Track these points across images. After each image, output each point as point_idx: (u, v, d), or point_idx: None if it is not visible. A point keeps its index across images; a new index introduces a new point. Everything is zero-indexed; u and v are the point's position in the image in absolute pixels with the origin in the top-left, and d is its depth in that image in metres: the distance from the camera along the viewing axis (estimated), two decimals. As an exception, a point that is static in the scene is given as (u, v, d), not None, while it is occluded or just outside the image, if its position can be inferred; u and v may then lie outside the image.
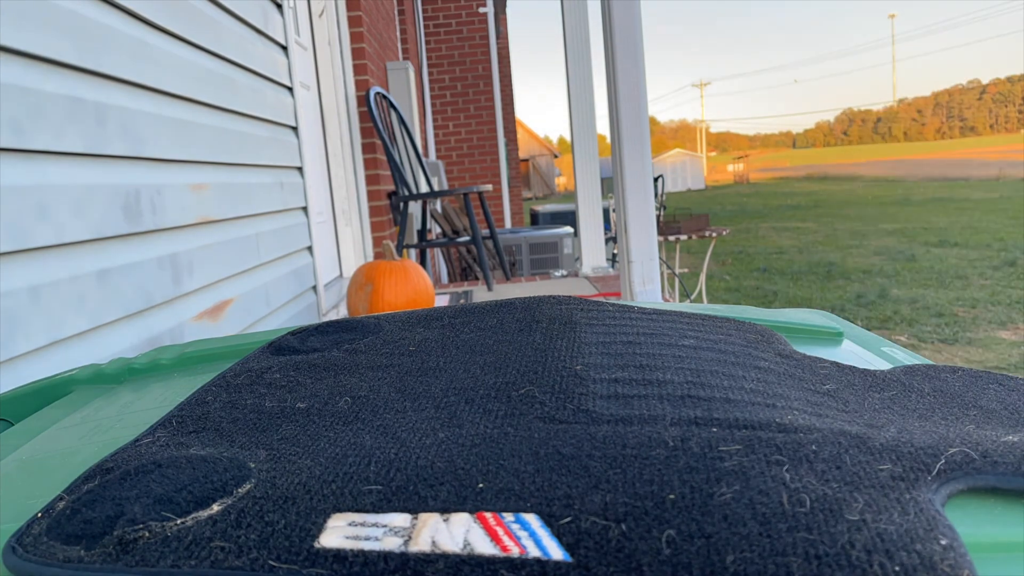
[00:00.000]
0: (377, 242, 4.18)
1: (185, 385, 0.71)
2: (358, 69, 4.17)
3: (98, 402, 0.70)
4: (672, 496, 0.36)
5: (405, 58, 6.69)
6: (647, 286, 2.62)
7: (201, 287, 1.77)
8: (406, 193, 3.70)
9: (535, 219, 9.58)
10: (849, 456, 0.40)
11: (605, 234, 5.33)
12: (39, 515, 0.40)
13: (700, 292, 6.35)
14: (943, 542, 0.32)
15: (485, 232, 6.37)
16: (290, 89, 2.70)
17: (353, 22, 4.14)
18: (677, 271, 6.11)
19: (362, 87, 4.15)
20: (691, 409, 0.47)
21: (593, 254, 4.90)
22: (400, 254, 3.52)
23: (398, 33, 6.27)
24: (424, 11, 8.64)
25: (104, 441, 0.56)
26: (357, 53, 4.17)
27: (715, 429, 0.44)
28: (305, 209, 2.76)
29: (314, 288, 2.81)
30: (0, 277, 1.07)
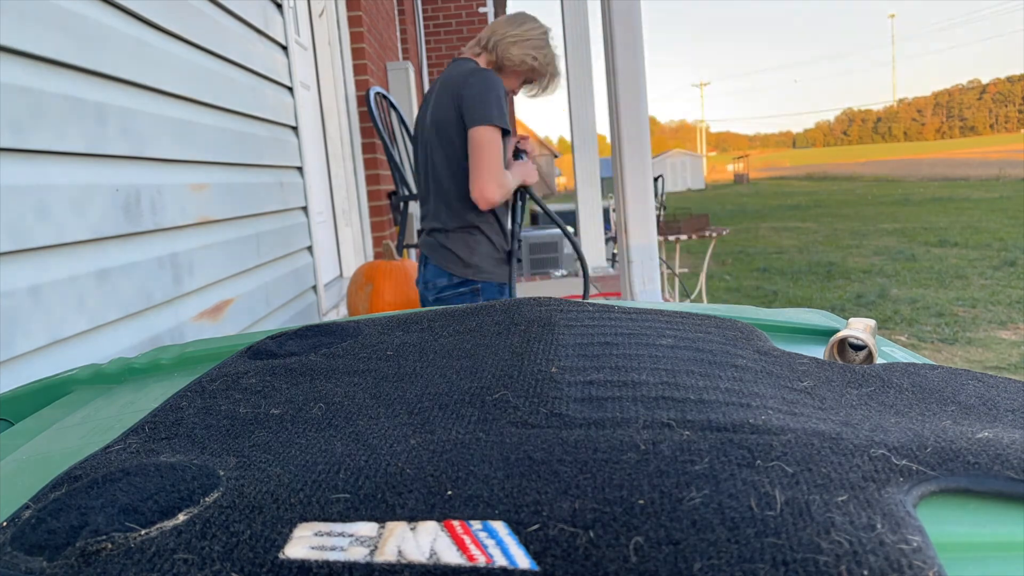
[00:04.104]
0: (377, 242, 4.18)
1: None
2: (358, 69, 4.17)
3: (98, 402, 0.71)
4: (641, 502, 0.36)
5: (405, 58, 6.68)
6: (647, 286, 2.62)
7: (201, 287, 1.77)
8: (406, 193, 3.70)
9: (535, 219, 9.57)
10: (821, 457, 0.40)
11: (605, 234, 5.33)
12: (4, 524, 0.40)
13: (700, 292, 6.35)
14: (912, 544, 0.32)
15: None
16: (290, 89, 2.70)
17: (353, 22, 4.14)
18: (677, 271, 6.11)
19: (362, 87, 4.15)
20: (664, 411, 0.47)
21: (593, 254, 4.90)
22: (400, 254, 3.52)
23: (398, 33, 6.27)
24: (424, 11, 8.63)
25: (104, 441, 0.56)
26: (357, 53, 4.17)
27: (687, 432, 0.44)
28: (305, 209, 2.76)
29: (314, 288, 2.81)
30: (0, 277, 1.07)
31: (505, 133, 2.01)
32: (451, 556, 0.33)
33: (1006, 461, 0.40)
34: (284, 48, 2.68)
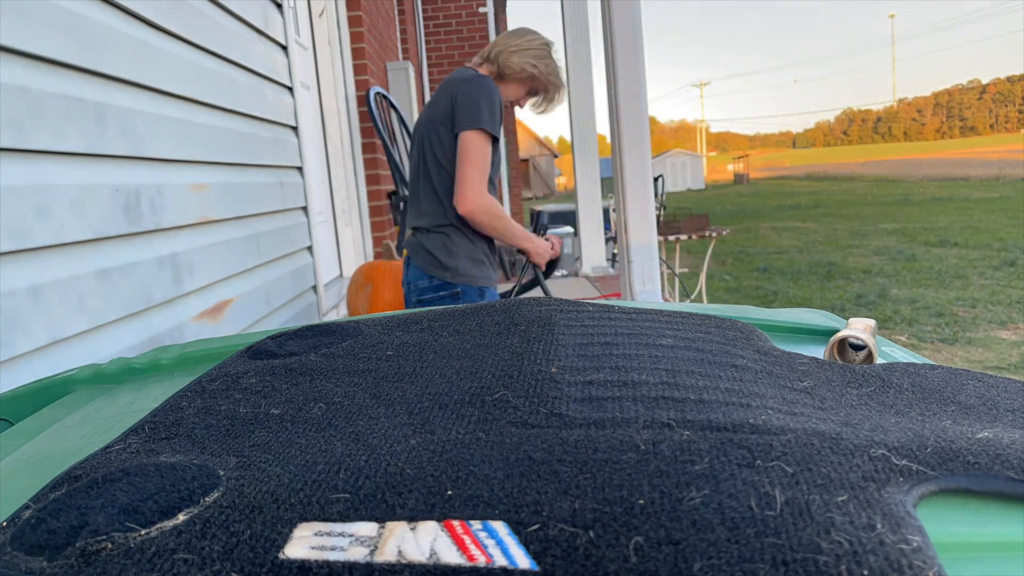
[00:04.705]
0: (377, 242, 4.18)
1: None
2: (358, 69, 4.17)
3: (98, 402, 0.71)
4: (641, 502, 0.36)
5: (405, 58, 6.68)
6: (647, 286, 2.62)
7: (201, 287, 1.77)
8: (406, 193, 3.70)
9: (535, 219, 9.56)
10: (821, 457, 0.40)
11: (605, 234, 5.33)
12: (4, 524, 0.40)
13: (700, 292, 6.35)
14: (912, 544, 0.32)
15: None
16: (290, 89, 2.70)
17: (353, 22, 4.14)
18: (677, 271, 6.11)
19: (362, 87, 4.15)
20: (664, 411, 0.47)
21: (593, 254, 4.90)
22: (400, 254, 3.52)
23: (398, 33, 6.27)
24: (424, 11, 8.64)
25: (104, 441, 0.56)
26: (357, 53, 4.17)
27: (687, 432, 0.44)
28: (305, 209, 2.76)
29: (314, 288, 2.81)
30: (0, 277, 1.07)
31: (495, 141, 2.03)
32: (451, 556, 0.33)
33: (1006, 461, 0.40)
34: (284, 48, 2.68)
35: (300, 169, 2.75)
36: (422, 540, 0.34)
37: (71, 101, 1.28)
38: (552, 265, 2.29)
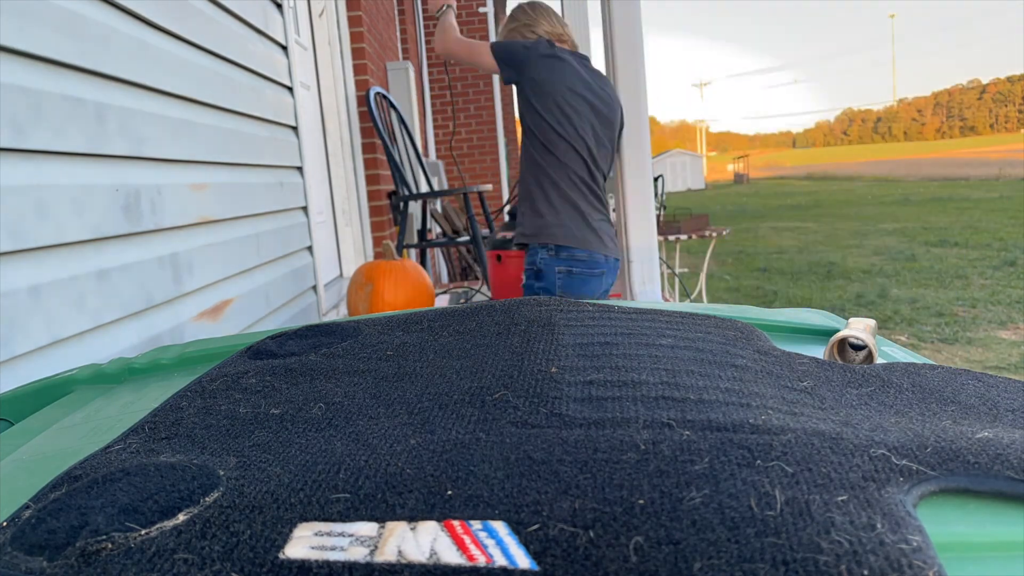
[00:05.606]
0: (377, 242, 4.18)
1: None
2: (358, 69, 4.17)
3: (98, 402, 0.71)
4: (641, 501, 0.36)
5: (405, 58, 6.68)
6: (647, 286, 2.62)
7: (201, 287, 1.77)
8: (406, 193, 3.70)
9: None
10: (821, 457, 0.40)
11: (605, 234, 5.31)
12: (4, 524, 0.40)
13: (700, 292, 6.34)
14: (912, 544, 0.32)
15: (485, 232, 6.35)
16: (290, 89, 2.70)
17: (353, 22, 4.14)
18: (677, 271, 6.11)
19: (362, 87, 4.15)
20: (664, 411, 0.47)
21: (593, 254, 4.89)
22: (400, 254, 3.52)
23: (398, 33, 6.27)
24: (424, 11, 8.63)
25: (104, 441, 0.56)
26: (357, 53, 4.16)
27: (687, 432, 0.44)
28: (305, 209, 2.76)
29: (314, 288, 2.81)
30: (0, 277, 1.07)
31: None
32: (451, 556, 0.33)
33: (1006, 461, 0.40)
34: (284, 48, 2.68)
35: (300, 169, 2.75)
36: (422, 540, 0.34)
37: (71, 101, 1.28)
38: None
